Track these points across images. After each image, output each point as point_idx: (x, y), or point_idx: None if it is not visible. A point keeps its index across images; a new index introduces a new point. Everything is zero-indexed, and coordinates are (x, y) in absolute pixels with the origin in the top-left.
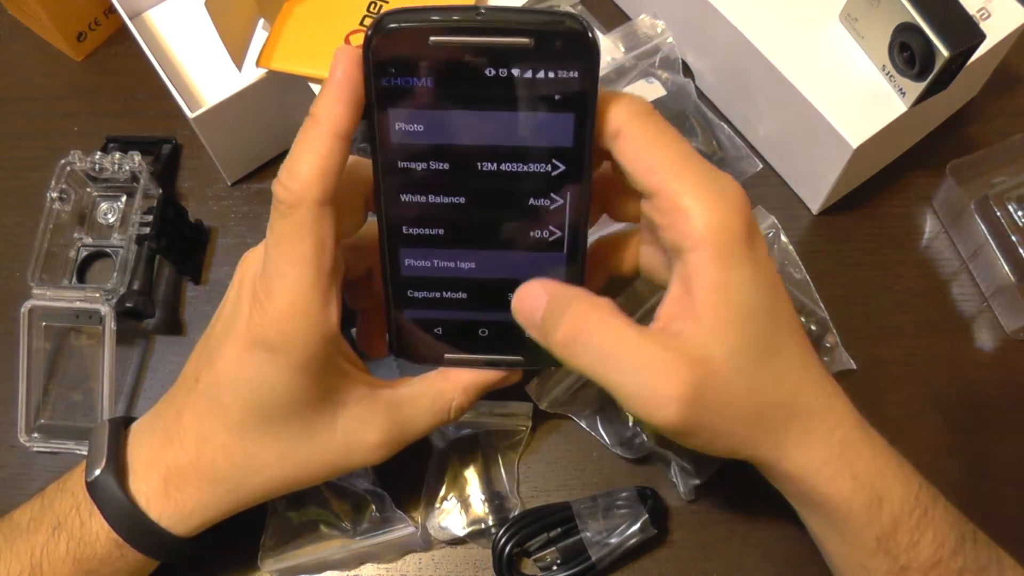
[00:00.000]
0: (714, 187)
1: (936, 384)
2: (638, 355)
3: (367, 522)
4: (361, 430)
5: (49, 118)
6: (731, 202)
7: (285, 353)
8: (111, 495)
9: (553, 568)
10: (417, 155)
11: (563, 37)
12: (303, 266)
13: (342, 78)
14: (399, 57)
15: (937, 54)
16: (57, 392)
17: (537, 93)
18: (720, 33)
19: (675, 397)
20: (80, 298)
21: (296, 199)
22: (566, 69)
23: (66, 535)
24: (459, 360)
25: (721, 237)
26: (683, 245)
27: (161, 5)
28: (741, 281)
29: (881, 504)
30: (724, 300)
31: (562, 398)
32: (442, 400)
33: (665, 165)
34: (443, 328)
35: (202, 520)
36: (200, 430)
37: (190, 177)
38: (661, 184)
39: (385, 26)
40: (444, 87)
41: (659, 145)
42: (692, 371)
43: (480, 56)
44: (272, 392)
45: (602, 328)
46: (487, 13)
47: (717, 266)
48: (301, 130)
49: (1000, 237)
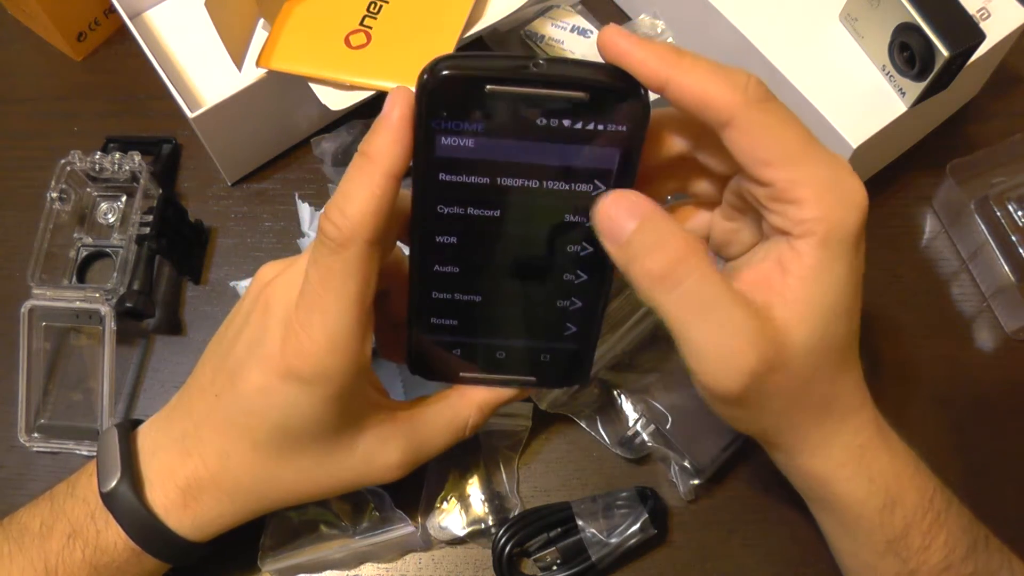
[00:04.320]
0: (834, 179)
1: (936, 384)
2: (729, 312)
3: (367, 522)
4: (381, 451)
5: (49, 118)
6: (851, 200)
7: (320, 386)
8: (129, 506)
9: (553, 568)
10: (460, 198)
11: (618, 94)
12: (348, 303)
13: (399, 119)
14: (452, 102)
15: (937, 54)
16: (57, 392)
17: (585, 145)
18: (720, 33)
19: (747, 371)
20: (80, 298)
21: (347, 238)
22: (617, 124)
23: (81, 543)
24: (474, 379)
25: (834, 233)
26: (794, 231)
27: (161, 5)
28: (838, 280)
29: (894, 507)
30: (819, 294)
31: (562, 398)
32: (458, 419)
33: (782, 157)
34: (462, 350)
35: (219, 528)
36: (223, 446)
37: (190, 177)
38: (776, 176)
39: (440, 70)
40: (493, 134)
41: (775, 137)
42: (773, 348)
43: (533, 107)
44: (301, 419)
45: (701, 273)
46: (544, 65)
47: (822, 260)
48: (352, 167)
49: (1000, 237)
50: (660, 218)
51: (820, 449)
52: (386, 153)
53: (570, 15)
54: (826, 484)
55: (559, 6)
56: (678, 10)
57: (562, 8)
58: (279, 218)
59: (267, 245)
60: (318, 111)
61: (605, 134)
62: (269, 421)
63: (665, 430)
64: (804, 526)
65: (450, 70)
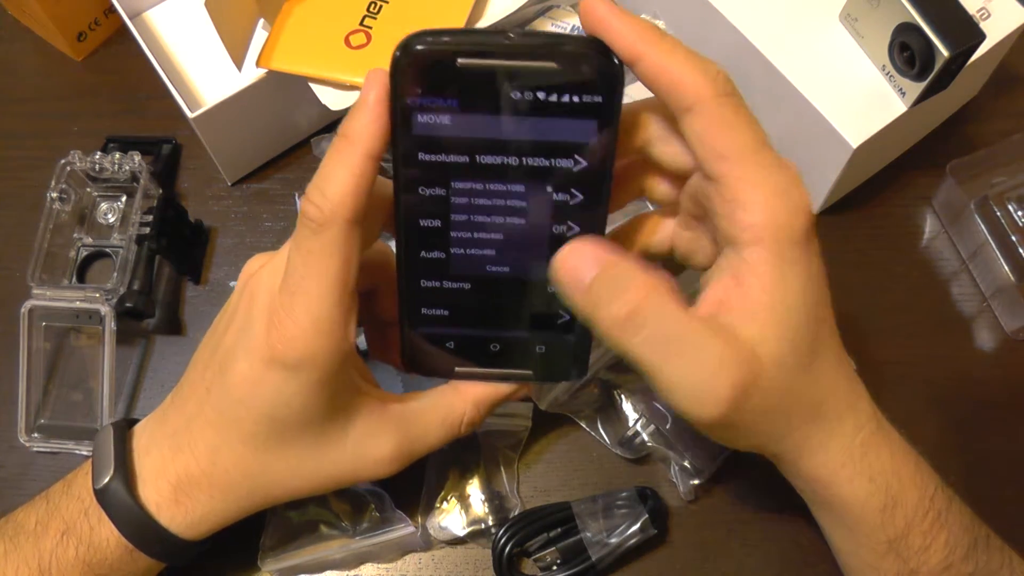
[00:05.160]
0: (780, 182)
1: (936, 384)
2: (696, 346)
3: (367, 522)
4: (372, 444)
5: (49, 118)
6: (795, 201)
7: (305, 371)
8: (121, 503)
9: (553, 568)
10: (440, 177)
11: (590, 62)
12: (329, 284)
13: (376, 99)
14: (425, 78)
15: (937, 54)
16: (57, 392)
17: (561, 116)
18: (720, 33)
19: (725, 397)
20: (80, 298)
21: (327, 217)
22: (591, 94)
23: (75, 540)
24: (470, 374)
25: (781, 236)
26: (741, 238)
27: (161, 5)
28: (795, 282)
29: (895, 507)
30: (780, 301)
31: (562, 398)
32: (453, 415)
33: (737, 153)
34: (455, 343)
35: (212, 525)
36: (213, 441)
37: (190, 177)
38: (728, 171)
39: (413, 47)
40: (468, 108)
41: (734, 131)
42: (745, 370)
43: (507, 79)
44: (288, 407)
45: (663, 311)
46: (515, 38)
47: (775, 265)
48: (332, 149)
49: (1000, 237)
50: (619, 262)
51: (819, 452)
52: (364, 134)
53: (570, 15)
54: (828, 486)
55: (559, 6)
56: (678, 10)
57: (562, 8)
58: (279, 218)
59: (267, 245)
60: (318, 111)
61: (581, 105)
62: (257, 411)
63: (665, 430)
64: (805, 526)
65: (422, 46)
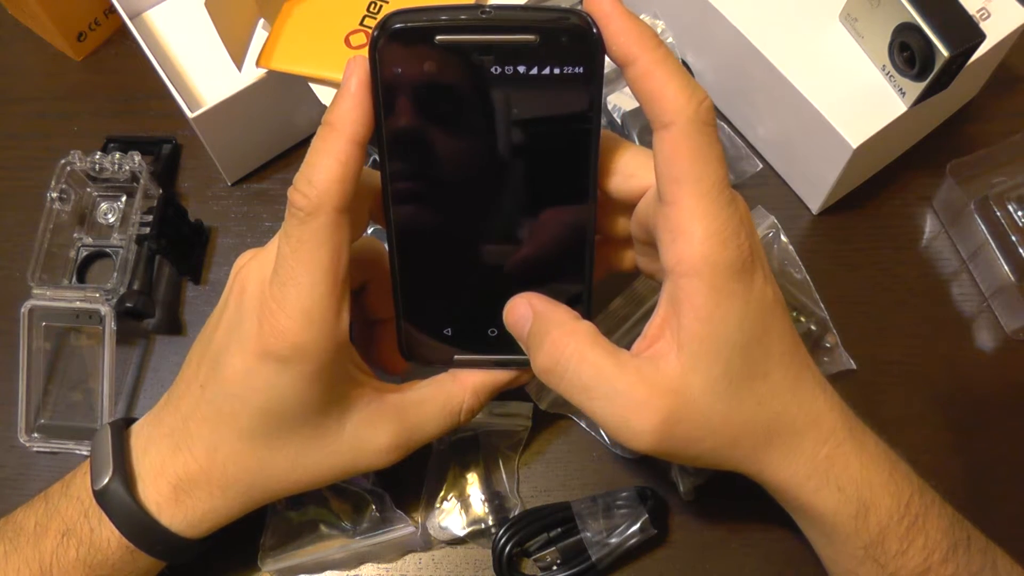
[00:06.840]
0: (723, 217)
1: (936, 384)
2: (614, 388)
3: (367, 522)
4: (369, 434)
5: (49, 118)
6: (735, 236)
7: (298, 363)
8: (121, 504)
9: (553, 568)
10: (424, 156)
11: (568, 34)
12: (320, 273)
13: (358, 85)
14: (404, 57)
15: (937, 54)
16: (57, 392)
17: (543, 91)
18: (720, 33)
19: (648, 430)
20: (80, 298)
21: (315, 206)
22: (571, 66)
23: (76, 541)
24: (468, 361)
25: (718, 268)
26: (677, 269)
27: (161, 5)
28: (731, 314)
29: (868, 514)
30: (711, 332)
31: (562, 398)
32: (452, 403)
33: (692, 180)
34: (452, 329)
35: (213, 523)
36: (210, 438)
37: (190, 177)
38: (678, 198)
39: (391, 27)
40: (451, 86)
41: (697, 159)
42: (666, 403)
43: (486, 54)
44: (283, 401)
45: (580, 359)
46: (492, 12)
47: (708, 297)
48: (317, 138)
49: (1000, 237)
50: (545, 312)
51: (781, 467)
52: (348, 120)
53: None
54: (796, 497)
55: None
56: (678, 10)
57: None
58: (279, 218)
59: None
60: (318, 111)
61: (561, 76)
62: (251, 405)
63: None
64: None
65: (400, 24)
